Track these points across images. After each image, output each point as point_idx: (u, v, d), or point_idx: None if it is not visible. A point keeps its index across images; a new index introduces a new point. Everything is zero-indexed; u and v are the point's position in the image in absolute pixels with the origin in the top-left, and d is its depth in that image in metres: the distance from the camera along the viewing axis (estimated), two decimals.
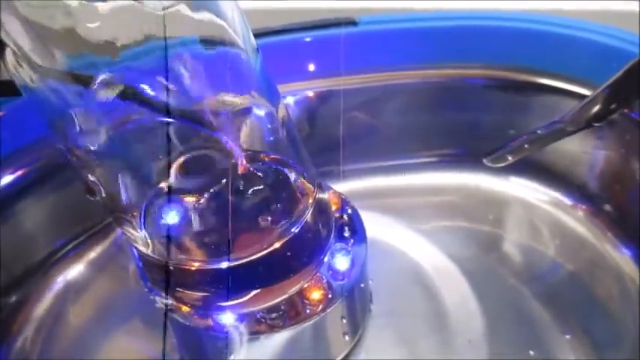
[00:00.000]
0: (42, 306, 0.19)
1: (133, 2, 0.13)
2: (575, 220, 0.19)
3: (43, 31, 0.12)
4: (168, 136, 0.15)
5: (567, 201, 0.20)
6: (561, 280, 0.18)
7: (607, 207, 0.19)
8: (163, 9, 0.12)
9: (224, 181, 0.15)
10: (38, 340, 0.18)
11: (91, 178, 0.14)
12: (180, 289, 0.15)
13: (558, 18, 0.20)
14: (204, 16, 0.13)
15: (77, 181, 0.18)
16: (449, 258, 0.19)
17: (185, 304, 0.15)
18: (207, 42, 0.14)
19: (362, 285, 0.17)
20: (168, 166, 0.15)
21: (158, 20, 0.13)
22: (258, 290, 0.15)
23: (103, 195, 0.13)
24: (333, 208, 0.18)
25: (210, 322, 0.15)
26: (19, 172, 0.19)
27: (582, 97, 0.18)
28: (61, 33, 0.12)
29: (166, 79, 0.13)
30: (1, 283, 0.18)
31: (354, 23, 0.21)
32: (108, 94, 0.14)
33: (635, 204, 0.17)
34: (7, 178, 0.18)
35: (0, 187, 0.18)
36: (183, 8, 0.14)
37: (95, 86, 0.13)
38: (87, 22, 0.12)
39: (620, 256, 0.18)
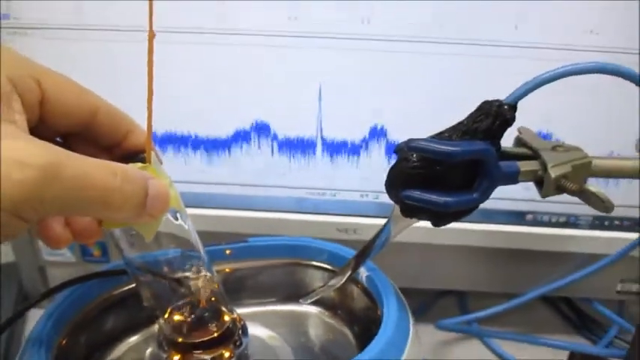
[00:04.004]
0: None
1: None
2: (333, 321, 0.39)
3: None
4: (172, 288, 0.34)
5: (329, 313, 0.39)
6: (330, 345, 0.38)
7: (341, 313, 0.39)
8: None
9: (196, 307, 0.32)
10: None
11: (145, 303, 0.32)
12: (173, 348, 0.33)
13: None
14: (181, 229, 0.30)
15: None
16: (285, 342, 0.38)
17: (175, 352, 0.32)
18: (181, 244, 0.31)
19: (246, 351, 0.36)
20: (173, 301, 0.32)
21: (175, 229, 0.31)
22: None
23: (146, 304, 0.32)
24: (238, 319, 0.33)
25: None
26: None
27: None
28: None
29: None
30: None
31: (246, 241, 0.40)
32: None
33: (348, 313, 0.39)
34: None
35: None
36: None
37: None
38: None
39: (349, 336, 0.38)
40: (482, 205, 0.49)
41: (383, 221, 0.33)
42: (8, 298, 0.57)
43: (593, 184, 0.30)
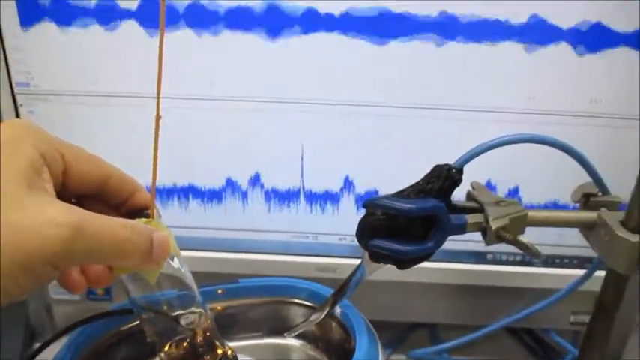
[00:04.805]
0: None
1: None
2: (314, 352, 0.43)
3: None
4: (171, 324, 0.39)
5: (310, 345, 0.43)
6: None
7: (320, 344, 0.42)
8: None
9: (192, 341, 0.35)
10: None
11: (149, 338, 0.37)
12: None
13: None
14: (179, 272, 0.34)
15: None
16: None
17: None
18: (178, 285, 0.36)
19: None
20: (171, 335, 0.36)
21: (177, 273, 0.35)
22: None
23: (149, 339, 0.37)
24: (229, 352, 0.37)
25: None
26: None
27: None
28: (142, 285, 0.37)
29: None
30: None
31: (236, 282, 0.44)
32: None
33: (327, 345, 0.44)
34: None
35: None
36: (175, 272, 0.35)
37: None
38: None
39: None
40: (448, 247, 0.54)
41: (359, 261, 0.37)
42: (16, 333, 0.59)
43: (524, 236, 0.35)
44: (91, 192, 0.32)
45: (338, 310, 0.42)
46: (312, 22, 0.46)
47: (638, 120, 0.49)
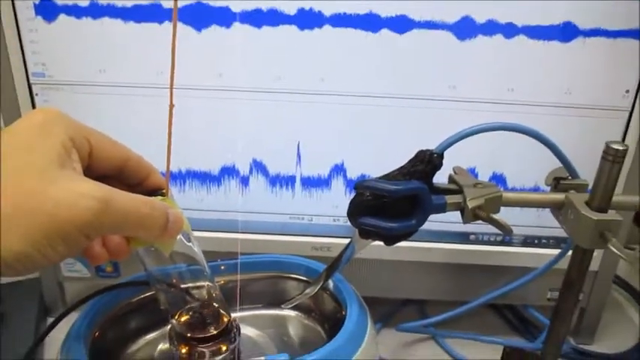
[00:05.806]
0: None
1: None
2: (308, 322, 0.47)
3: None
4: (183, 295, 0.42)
5: (305, 315, 0.47)
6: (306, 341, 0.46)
7: (314, 315, 0.46)
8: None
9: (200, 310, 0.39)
10: None
11: (162, 306, 0.40)
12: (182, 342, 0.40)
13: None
14: (190, 250, 0.37)
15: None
16: (270, 339, 0.46)
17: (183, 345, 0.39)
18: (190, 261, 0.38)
19: (239, 346, 0.44)
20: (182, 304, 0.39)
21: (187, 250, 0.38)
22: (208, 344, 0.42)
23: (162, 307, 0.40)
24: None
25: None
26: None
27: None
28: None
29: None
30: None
31: (236, 258, 0.49)
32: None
33: (320, 315, 0.47)
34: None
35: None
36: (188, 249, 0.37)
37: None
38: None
39: (322, 333, 0.46)
40: (435, 228, 0.57)
41: None
42: (31, 309, 0.62)
43: (497, 215, 0.39)
44: (112, 173, 0.35)
45: (331, 283, 0.46)
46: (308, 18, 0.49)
47: (610, 110, 0.52)
